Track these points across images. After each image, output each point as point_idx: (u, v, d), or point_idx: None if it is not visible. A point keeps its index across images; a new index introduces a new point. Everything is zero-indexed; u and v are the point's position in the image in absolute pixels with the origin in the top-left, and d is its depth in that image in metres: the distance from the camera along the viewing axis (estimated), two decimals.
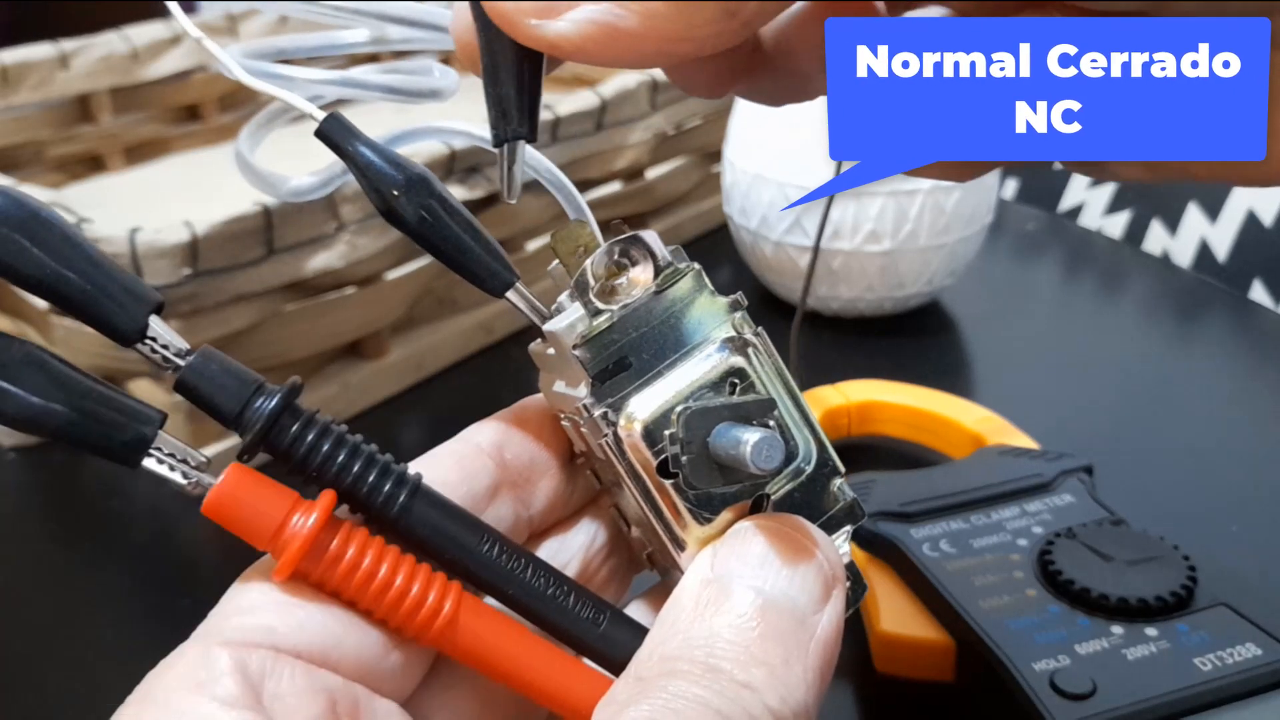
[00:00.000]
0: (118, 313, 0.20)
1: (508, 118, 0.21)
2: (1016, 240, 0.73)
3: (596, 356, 0.22)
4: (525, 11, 0.19)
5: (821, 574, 0.21)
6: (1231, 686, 0.30)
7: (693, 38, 0.18)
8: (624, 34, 0.18)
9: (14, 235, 0.19)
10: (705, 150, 0.71)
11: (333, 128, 0.21)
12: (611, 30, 0.18)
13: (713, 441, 0.21)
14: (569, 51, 0.19)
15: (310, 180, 0.26)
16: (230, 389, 0.21)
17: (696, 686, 0.19)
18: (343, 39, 0.27)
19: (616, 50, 0.18)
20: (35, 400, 0.19)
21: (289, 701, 0.19)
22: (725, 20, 0.18)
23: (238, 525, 0.20)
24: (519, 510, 0.24)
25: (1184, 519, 0.42)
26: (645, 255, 0.22)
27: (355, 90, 0.24)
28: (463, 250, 0.22)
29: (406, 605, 0.21)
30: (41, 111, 0.66)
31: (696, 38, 0.18)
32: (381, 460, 0.22)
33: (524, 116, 0.21)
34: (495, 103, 0.21)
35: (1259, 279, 0.67)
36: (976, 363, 0.59)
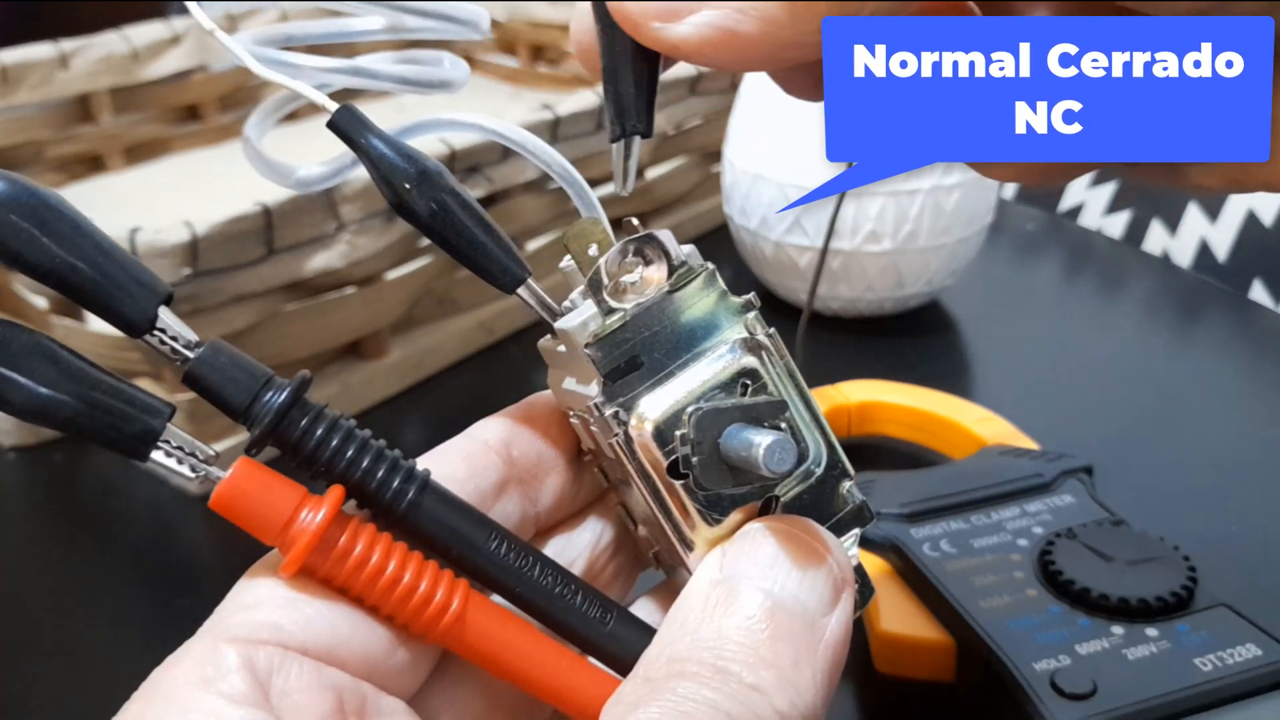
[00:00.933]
0: (127, 303, 0.20)
1: (626, 114, 0.22)
2: (1016, 240, 0.73)
3: (608, 355, 0.22)
4: (649, 14, 0.19)
5: (831, 577, 0.21)
6: (1232, 687, 0.30)
7: (806, 43, 0.19)
8: (741, 38, 0.19)
9: (22, 223, 0.18)
10: (705, 150, 0.71)
11: (345, 119, 0.21)
12: (730, 34, 0.19)
13: (724, 443, 0.21)
14: (688, 53, 0.19)
15: (319, 170, 0.26)
16: (240, 381, 0.21)
17: (705, 688, 0.19)
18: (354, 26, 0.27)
19: (734, 53, 0.19)
20: (43, 390, 0.19)
21: (296, 699, 0.19)
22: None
23: (246, 519, 0.20)
24: (526, 507, 0.24)
25: (1184, 519, 0.42)
26: (659, 254, 0.22)
27: (365, 80, 0.24)
28: (475, 245, 0.22)
29: (414, 602, 0.21)
30: (41, 111, 0.66)
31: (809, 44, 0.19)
32: (390, 456, 0.21)
33: (642, 114, 0.22)
34: (614, 100, 0.22)
35: (1259, 279, 0.67)
36: (976, 363, 0.59)
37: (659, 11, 0.19)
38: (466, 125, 0.24)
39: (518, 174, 0.56)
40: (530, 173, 0.57)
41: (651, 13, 0.19)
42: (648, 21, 0.19)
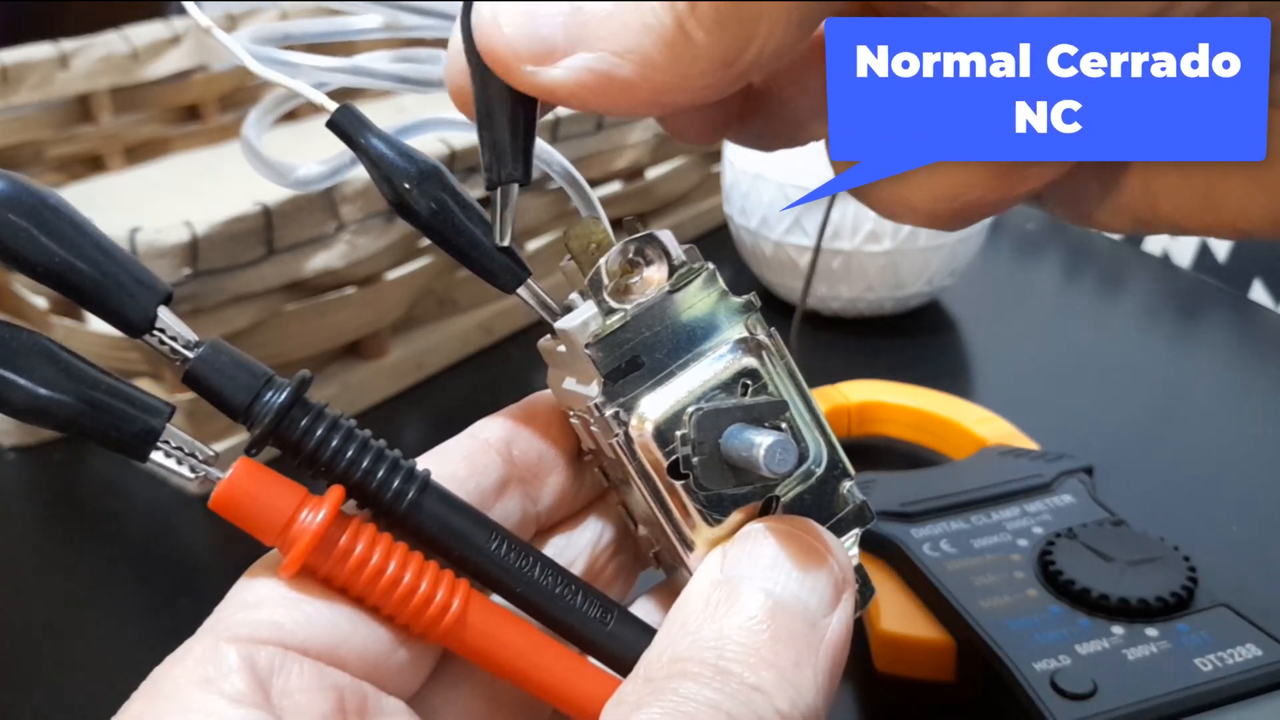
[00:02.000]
0: (127, 302, 0.20)
1: (501, 161, 0.21)
2: (1016, 240, 0.73)
3: (609, 355, 0.22)
4: (521, 57, 0.19)
5: (832, 577, 0.21)
6: (1232, 687, 0.30)
7: (688, 88, 0.18)
8: (619, 83, 0.18)
9: (22, 222, 0.18)
10: (705, 150, 0.71)
11: (345, 118, 0.21)
12: (607, 79, 0.18)
13: (724, 443, 0.21)
14: (563, 98, 0.19)
15: (318, 169, 0.26)
16: (240, 381, 0.20)
17: (706, 689, 0.19)
18: (352, 25, 0.27)
19: (611, 99, 0.18)
20: (43, 391, 0.19)
21: (297, 698, 0.19)
22: (721, 71, 0.18)
23: (246, 519, 0.20)
24: (526, 506, 0.24)
25: (1184, 519, 0.42)
26: (660, 254, 0.22)
27: (364, 78, 0.24)
28: (475, 245, 0.22)
29: (414, 602, 0.21)
30: (41, 111, 0.66)
31: (692, 88, 0.18)
32: (391, 455, 0.21)
33: (518, 160, 0.21)
34: (490, 146, 0.21)
35: (1259, 279, 0.67)
36: (976, 363, 0.59)
37: (530, 53, 0.19)
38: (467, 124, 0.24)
39: None
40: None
41: (524, 55, 0.19)
42: (519, 64, 0.19)
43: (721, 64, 0.18)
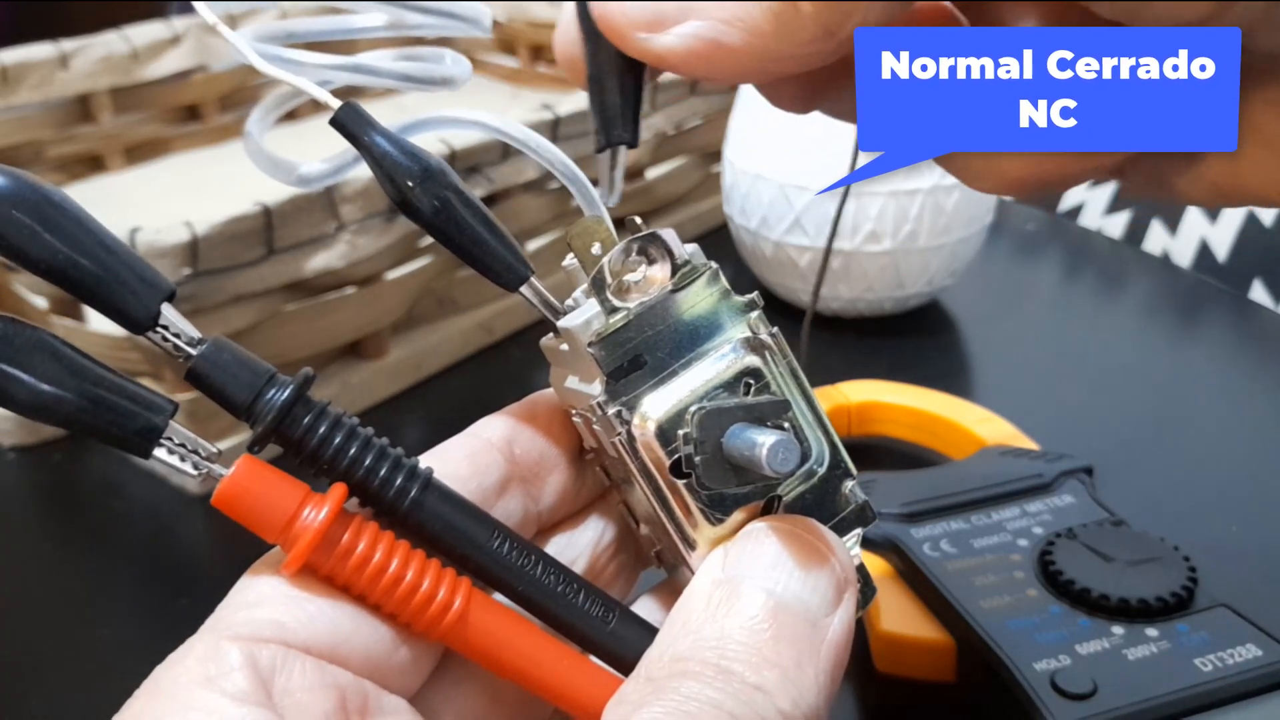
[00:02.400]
0: (130, 299, 0.20)
1: (612, 124, 0.22)
2: (1016, 240, 0.73)
3: (611, 354, 0.22)
4: (634, 24, 0.19)
5: (834, 577, 0.21)
6: (1232, 687, 0.30)
7: (792, 55, 0.19)
8: (727, 49, 0.19)
9: (25, 219, 0.18)
10: (705, 150, 0.71)
11: (348, 116, 0.21)
12: (716, 45, 0.19)
13: (727, 442, 0.21)
14: (674, 64, 0.20)
15: (321, 167, 0.26)
16: (242, 379, 0.20)
17: (708, 688, 0.19)
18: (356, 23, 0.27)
19: (719, 64, 0.19)
20: (46, 387, 0.19)
21: (299, 697, 0.19)
22: (824, 40, 0.19)
23: (248, 517, 0.20)
24: (528, 505, 0.24)
25: (1184, 519, 0.42)
26: (663, 253, 0.22)
27: (367, 77, 0.24)
28: (478, 243, 0.22)
29: (416, 600, 0.21)
30: (41, 111, 0.66)
31: (795, 55, 0.19)
32: (393, 454, 0.21)
33: (629, 123, 0.22)
34: (599, 110, 0.22)
35: (1259, 279, 0.67)
36: (976, 363, 0.59)
37: (644, 21, 0.19)
38: (469, 123, 0.24)
39: (518, 174, 0.56)
40: (530, 172, 0.57)
41: (637, 22, 0.19)
42: (633, 31, 0.19)
43: (825, 33, 0.19)
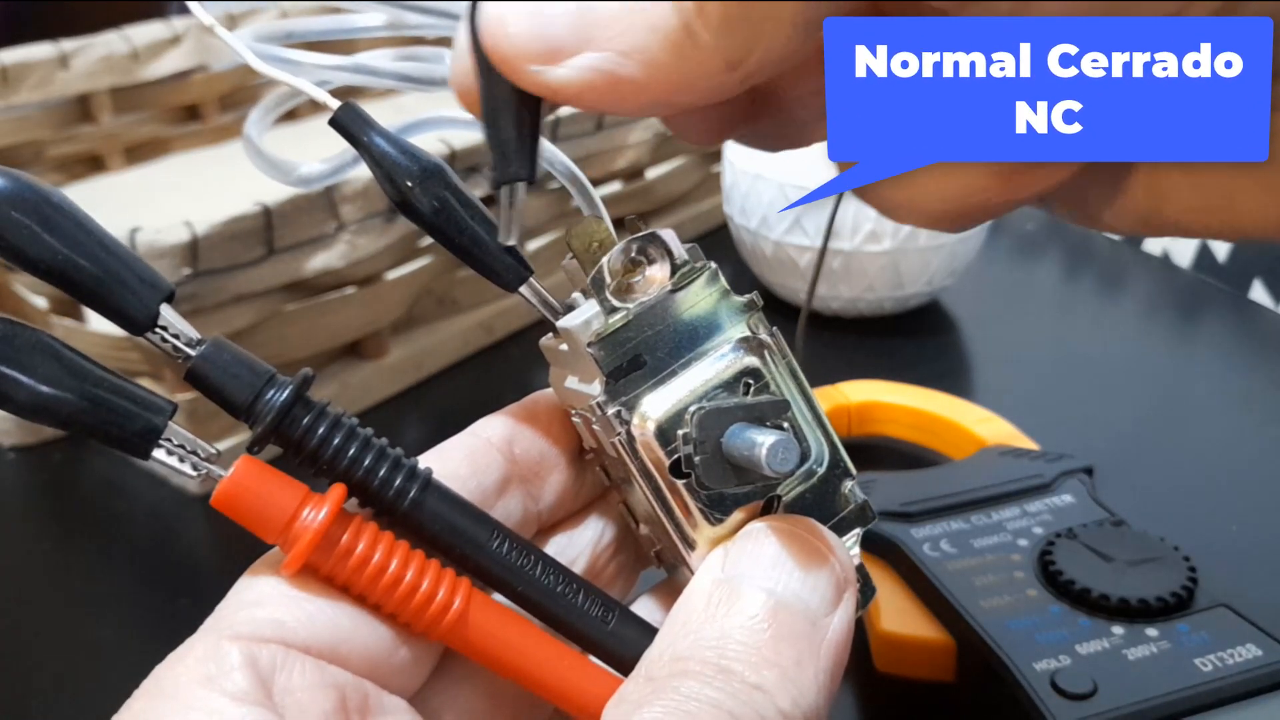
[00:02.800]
0: (129, 300, 0.20)
1: (507, 159, 0.21)
2: (1016, 240, 0.73)
3: (611, 354, 0.22)
4: (527, 57, 0.19)
5: (834, 576, 0.21)
6: (1232, 687, 0.30)
7: (694, 89, 0.18)
8: (625, 83, 0.18)
9: (24, 219, 0.18)
10: (705, 150, 0.71)
11: (347, 116, 0.21)
12: (612, 79, 0.18)
13: (726, 442, 0.21)
14: (569, 98, 0.19)
15: (320, 167, 0.26)
16: (242, 379, 0.20)
17: (708, 688, 0.19)
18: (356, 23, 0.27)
19: (617, 99, 0.18)
20: (45, 388, 0.19)
21: (299, 696, 0.19)
22: (727, 73, 0.18)
23: (248, 518, 0.20)
24: (528, 505, 0.24)
25: (1184, 519, 0.42)
26: (662, 253, 0.22)
27: (366, 77, 0.24)
28: (477, 243, 0.22)
29: (416, 600, 0.21)
30: (41, 111, 0.66)
31: (697, 89, 0.18)
32: (392, 454, 0.21)
33: (524, 159, 0.21)
34: (496, 145, 0.21)
35: (1259, 279, 0.67)
36: (976, 363, 0.59)
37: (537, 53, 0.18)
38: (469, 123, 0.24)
39: None
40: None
41: (529, 54, 0.19)
42: (525, 64, 0.19)
43: (727, 66, 0.18)
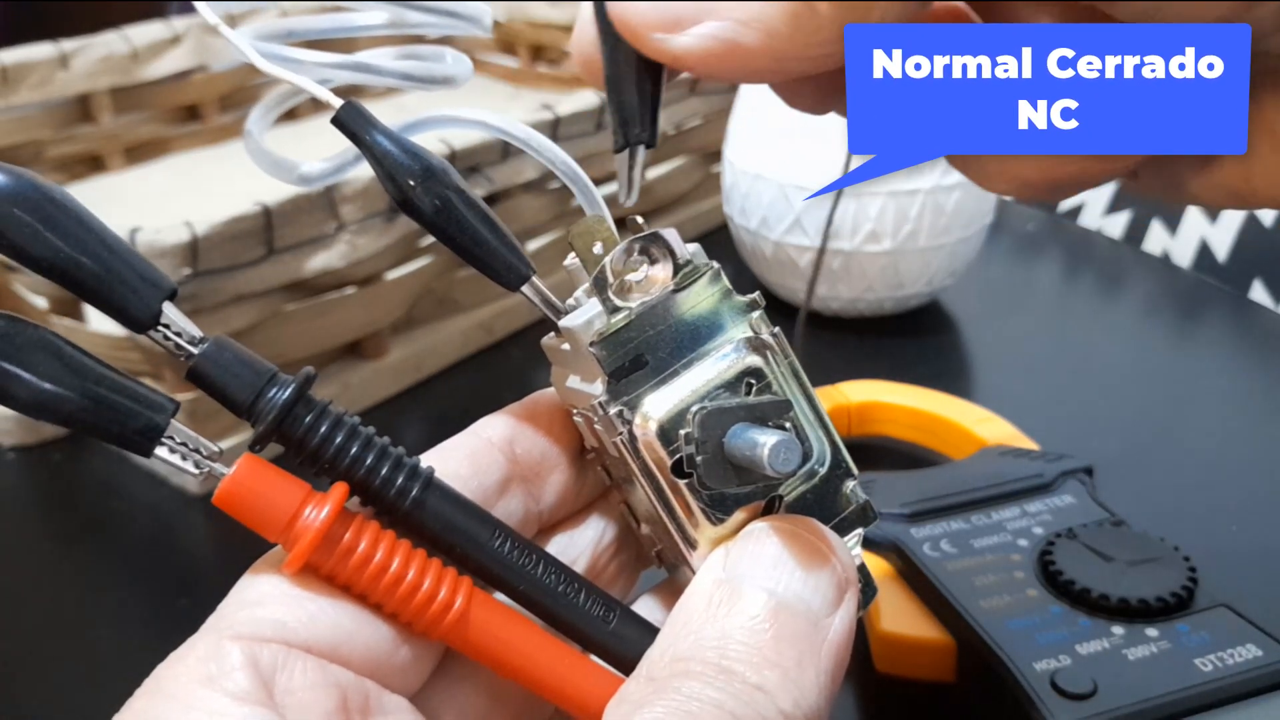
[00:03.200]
0: (131, 298, 0.20)
1: (630, 124, 0.22)
2: (1016, 240, 0.73)
3: (613, 354, 0.22)
4: (651, 25, 0.19)
5: (835, 577, 0.21)
6: (1232, 687, 0.30)
7: (808, 56, 0.19)
8: (744, 50, 0.19)
9: (26, 217, 0.18)
10: (705, 150, 0.71)
11: (349, 115, 0.21)
12: (733, 46, 0.19)
13: (728, 442, 0.21)
14: (691, 65, 0.20)
15: (322, 166, 0.26)
16: (244, 378, 0.20)
17: (709, 688, 0.19)
18: (357, 22, 0.27)
19: (736, 65, 0.19)
20: (47, 386, 0.19)
21: (300, 696, 0.19)
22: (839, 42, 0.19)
23: (249, 516, 0.20)
24: (529, 505, 0.24)
25: (1184, 519, 0.42)
26: (664, 253, 0.22)
27: (368, 75, 0.24)
28: (479, 243, 0.22)
29: (417, 600, 0.21)
30: (41, 111, 0.66)
31: (811, 56, 0.19)
32: (394, 453, 0.21)
33: (646, 123, 0.22)
34: (617, 109, 0.22)
35: (1259, 279, 0.67)
36: (976, 363, 0.59)
37: (661, 22, 0.19)
38: (471, 122, 0.24)
39: (518, 174, 0.56)
40: (530, 173, 0.57)
41: (654, 23, 0.19)
42: (650, 32, 0.20)
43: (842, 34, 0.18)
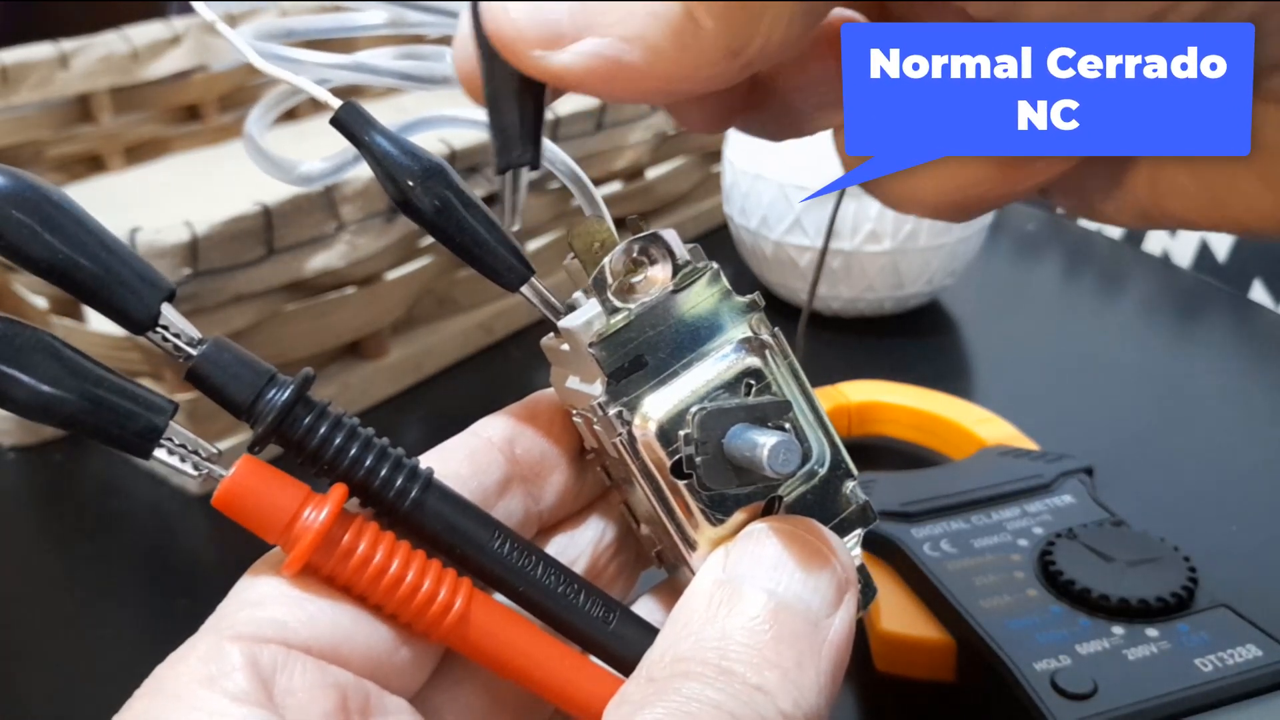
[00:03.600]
0: (130, 299, 0.19)
1: (510, 145, 0.21)
2: (1016, 240, 0.73)
3: (612, 354, 0.22)
4: (529, 42, 0.19)
5: (835, 577, 0.21)
6: (1232, 687, 0.30)
7: (695, 76, 0.18)
8: (627, 69, 0.18)
9: (25, 218, 0.18)
10: (705, 150, 0.71)
11: (349, 115, 0.21)
12: (615, 64, 0.18)
13: (728, 443, 0.21)
14: (571, 84, 0.19)
15: (321, 165, 0.26)
16: (243, 379, 0.20)
17: (709, 689, 0.19)
18: (356, 21, 0.27)
19: (619, 85, 0.19)
20: (46, 388, 0.19)
21: (300, 697, 0.19)
22: (727, 60, 0.18)
23: (249, 518, 0.20)
24: (529, 505, 0.24)
25: (1184, 520, 0.42)
26: (664, 254, 0.22)
27: (367, 75, 0.24)
28: (478, 243, 0.22)
29: (417, 601, 0.21)
30: (41, 111, 0.66)
31: (699, 76, 0.18)
32: (394, 454, 0.21)
33: (527, 144, 0.21)
34: (499, 130, 0.21)
35: (1259, 279, 0.67)
36: (976, 363, 0.59)
37: (539, 37, 0.19)
38: (471, 123, 0.24)
39: None
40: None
41: (532, 38, 0.19)
42: (528, 49, 0.19)
43: (728, 53, 0.18)
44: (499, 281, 0.22)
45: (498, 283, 0.22)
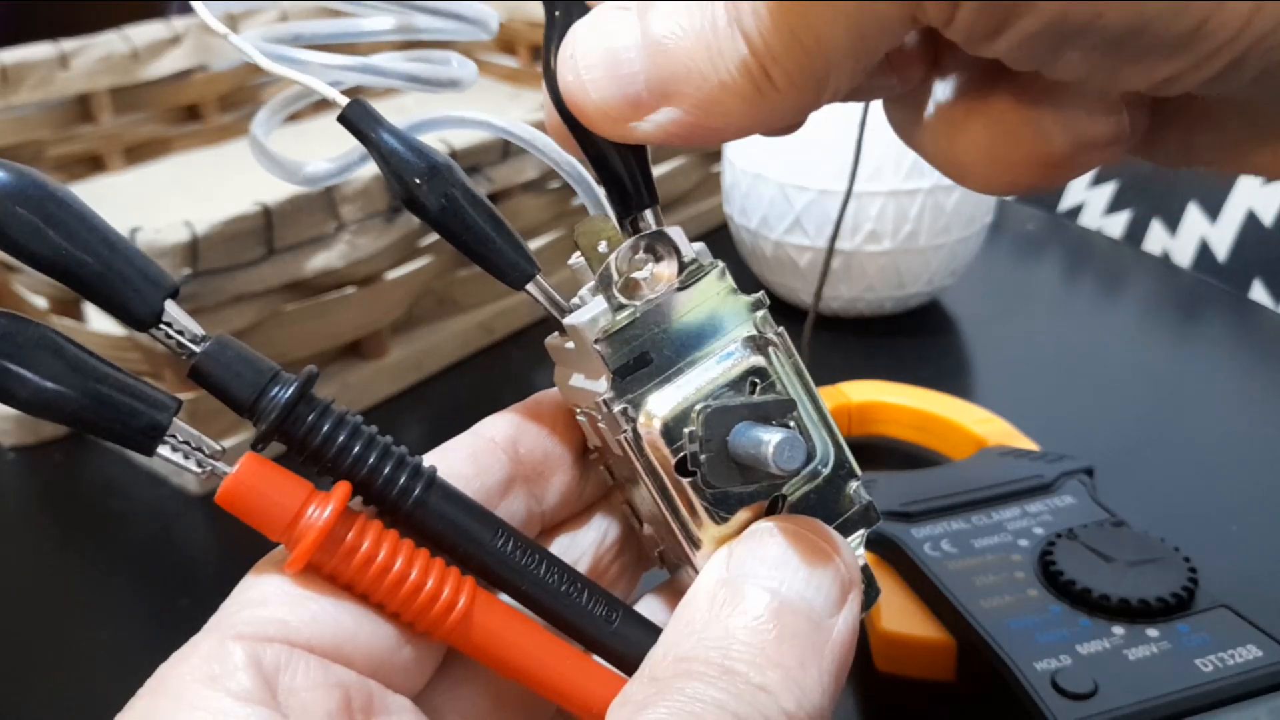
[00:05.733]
0: (133, 297, 0.19)
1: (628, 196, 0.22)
2: (1016, 240, 0.73)
3: (618, 352, 0.22)
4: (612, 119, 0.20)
5: (839, 577, 0.21)
6: (1232, 687, 0.30)
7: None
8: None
9: (28, 215, 0.18)
10: (705, 150, 0.71)
11: (356, 113, 0.21)
12: (694, 128, 0.19)
13: (732, 441, 0.21)
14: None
15: (327, 166, 0.26)
16: (246, 376, 0.20)
17: (712, 689, 0.19)
18: (363, 26, 0.27)
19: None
20: (49, 385, 0.18)
21: (303, 696, 0.19)
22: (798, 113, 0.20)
23: (252, 515, 0.20)
24: (532, 505, 0.24)
25: (1184, 520, 0.42)
26: (669, 251, 0.22)
27: (375, 77, 0.24)
28: (484, 241, 0.22)
29: (420, 600, 0.21)
30: (41, 111, 0.66)
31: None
32: (397, 452, 0.21)
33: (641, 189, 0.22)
34: (614, 184, 0.22)
35: (1259, 279, 0.67)
36: (977, 363, 0.60)
37: (620, 113, 0.20)
38: (477, 123, 0.24)
39: (518, 174, 0.56)
40: (530, 172, 0.57)
41: (614, 115, 0.20)
42: (612, 125, 0.20)
43: (797, 110, 0.19)
44: (504, 279, 0.22)
45: (503, 281, 0.22)
